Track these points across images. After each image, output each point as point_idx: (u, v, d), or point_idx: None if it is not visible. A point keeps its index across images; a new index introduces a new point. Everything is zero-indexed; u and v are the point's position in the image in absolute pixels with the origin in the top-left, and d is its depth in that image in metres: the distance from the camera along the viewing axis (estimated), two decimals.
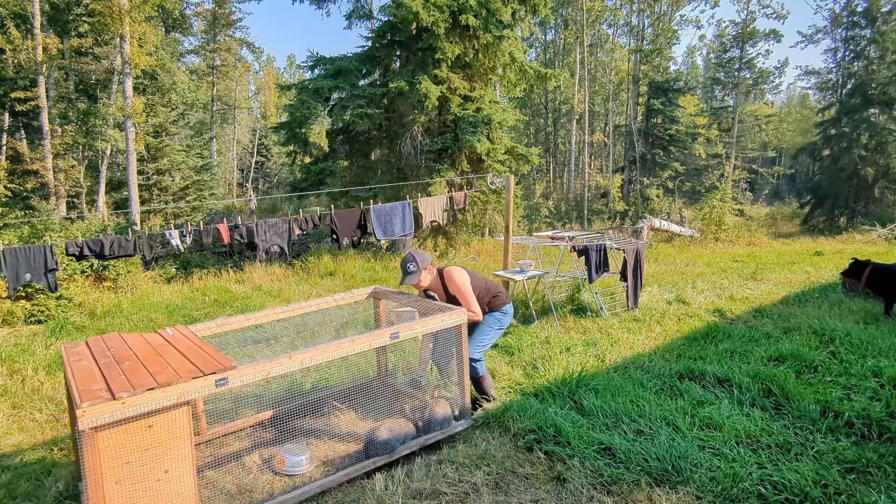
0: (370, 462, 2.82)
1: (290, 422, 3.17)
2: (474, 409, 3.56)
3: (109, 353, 2.56)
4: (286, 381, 3.84)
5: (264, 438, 3.21)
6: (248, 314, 3.36)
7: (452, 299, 3.48)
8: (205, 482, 2.66)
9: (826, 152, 20.02)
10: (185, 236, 7.23)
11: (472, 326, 3.56)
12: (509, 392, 3.88)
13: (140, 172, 13.52)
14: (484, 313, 3.59)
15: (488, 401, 3.61)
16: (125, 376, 2.20)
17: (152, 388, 2.08)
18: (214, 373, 2.25)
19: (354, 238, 7.15)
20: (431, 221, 7.61)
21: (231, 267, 10.53)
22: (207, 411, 3.33)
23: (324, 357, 2.57)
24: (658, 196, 19.37)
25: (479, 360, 3.53)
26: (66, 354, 2.56)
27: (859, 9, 19.45)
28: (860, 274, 5.90)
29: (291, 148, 13.18)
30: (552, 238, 7.09)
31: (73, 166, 13.32)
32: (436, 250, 12.09)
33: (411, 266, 3.39)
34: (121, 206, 13.69)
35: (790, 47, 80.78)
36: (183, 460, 2.18)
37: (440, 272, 3.54)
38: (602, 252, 5.99)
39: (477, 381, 3.59)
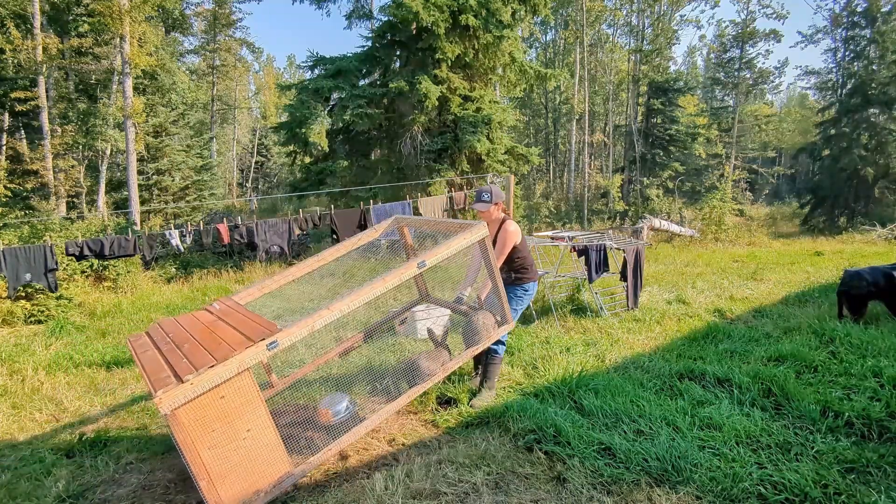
0: (415, 389, 3.10)
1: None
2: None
3: (169, 338, 2.79)
4: (331, 326, 4.16)
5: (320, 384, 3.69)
6: (283, 273, 3.59)
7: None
8: (284, 429, 2.88)
9: (826, 152, 20.00)
10: (185, 236, 7.24)
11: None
12: (509, 392, 3.88)
13: (140, 172, 13.52)
14: (510, 281, 3.68)
15: (482, 389, 3.65)
16: (187, 359, 2.44)
17: (213, 366, 2.31)
18: (263, 339, 2.47)
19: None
20: None
21: (231, 267, 10.54)
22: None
23: (360, 301, 2.73)
24: (658, 196, 19.32)
25: (501, 343, 3.59)
26: (133, 347, 2.84)
27: (859, 9, 19.44)
28: None
29: (291, 148, 13.18)
30: (552, 238, 7.09)
31: (73, 166, 13.32)
32: None
33: (485, 196, 3.63)
34: (121, 206, 13.68)
35: (790, 47, 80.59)
36: (259, 417, 2.47)
37: (503, 219, 3.69)
38: (602, 252, 5.99)
39: (488, 361, 3.63)
